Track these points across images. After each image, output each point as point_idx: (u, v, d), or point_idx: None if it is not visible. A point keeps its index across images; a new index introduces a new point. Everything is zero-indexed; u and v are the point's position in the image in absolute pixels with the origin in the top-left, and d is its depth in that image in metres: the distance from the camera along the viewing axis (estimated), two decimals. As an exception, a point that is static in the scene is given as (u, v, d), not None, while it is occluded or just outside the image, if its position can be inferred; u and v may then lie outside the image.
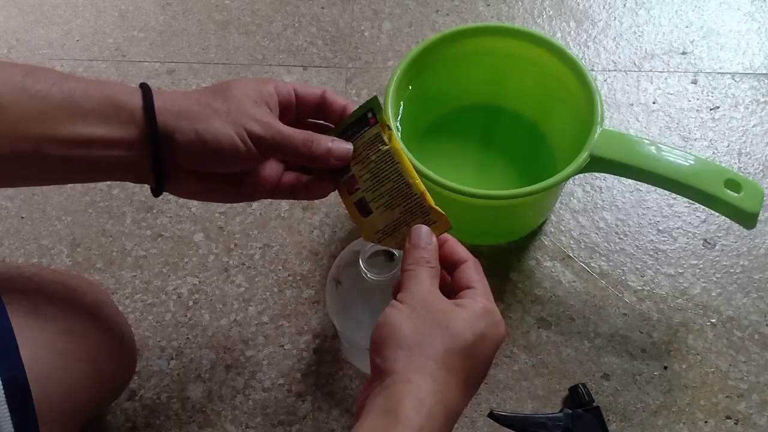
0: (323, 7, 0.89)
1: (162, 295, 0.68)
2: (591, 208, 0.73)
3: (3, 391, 0.43)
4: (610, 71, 0.83)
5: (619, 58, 0.84)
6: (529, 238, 0.71)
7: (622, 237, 0.71)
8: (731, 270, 0.69)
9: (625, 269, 0.69)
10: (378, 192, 0.47)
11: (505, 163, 0.73)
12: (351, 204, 0.48)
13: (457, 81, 0.71)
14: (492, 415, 0.59)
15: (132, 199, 0.74)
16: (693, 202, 0.62)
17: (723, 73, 0.82)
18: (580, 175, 0.70)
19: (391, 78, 0.62)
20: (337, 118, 0.49)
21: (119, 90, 0.43)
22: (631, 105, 0.80)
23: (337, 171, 0.48)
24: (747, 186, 0.57)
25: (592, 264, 0.70)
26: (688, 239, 0.71)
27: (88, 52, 0.86)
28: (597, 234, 0.71)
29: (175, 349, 0.65)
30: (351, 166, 0.48)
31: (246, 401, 0.63)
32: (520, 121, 0.74)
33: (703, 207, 0.63)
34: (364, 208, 0.47)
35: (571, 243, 0.71)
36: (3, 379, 0.43)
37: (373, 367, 0.40)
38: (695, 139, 0.77)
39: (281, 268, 0.70)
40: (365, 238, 0.48)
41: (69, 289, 0.52)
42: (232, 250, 0.71)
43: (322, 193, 0.49)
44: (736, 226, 0.65)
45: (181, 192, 0.47)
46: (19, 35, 0.87)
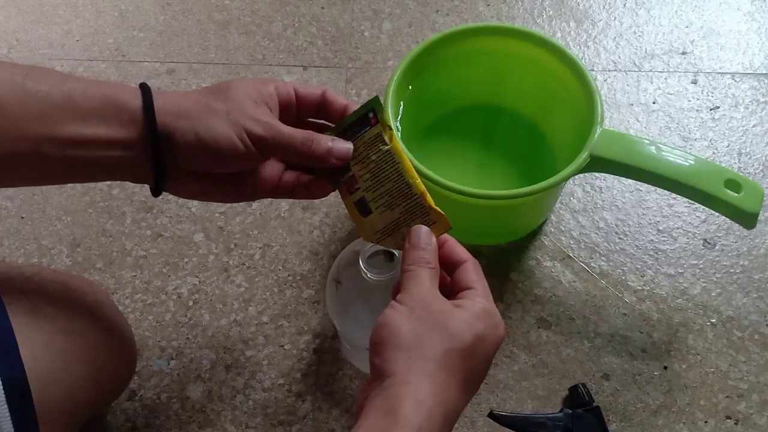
0: (323, 7, 0.89)
1: (162, 295, 0.68)
2: (591, 208, 0.73)
3: (3, 391, 0.43)
4: (610, 71, 0.83)
5: (619, 58, 0.84)
6: (529, 238, 0.71)
7: (622, 237, 0.71)
8: (731, 270, 0.69)
9: (625, 269, 0.69)
10: (378, 192, 0.47)
11: (505, 163, 0.73)
12: (351, 204, 0.48)
13: (457, 81, 0.71)
14: (492, 415, 0.59)
15: (132, 199, 0.74)
16: (693, 202, 0.62)
17: (723, 73, 0.82)
18: (580, 175, 0.70)
19: (391, 78, 0.62)
20: (338, 117, 0.49)
21: (119, 90, 0.43)
22: (631, 105, 0.80)
23: (338, 170, 0.48)
24: (747, 186, 0.57)
25: (592, 264, 0.70)
26: (688, 239, 0.71)
27: (88, 52, 0.86)
28: (597, 234, 0.71)
29: (175, 349, 0.65)
30: (351, 165, 0.48)
31: (246, 401, 0.63)
32: (520, 121, 0.74)
33: (703, 207, 0.63)
34: (363, 208, 0.47)
35: (571, 243, 0.71)
36: (3, 379, 0.43)
37: (373, 368, 0.40)
38: (695, 139, 0.77)
39: (281, 268, 0.70)
40: (365, 238, 0.48)
41: (69, 289, 0.52)
42: (232, 250, 0.71)
43: (322, 193, 0.49)
44: (736, 226, 0.65)
45: (181, 192, 0.47)
46: (19, 35, 0.87)
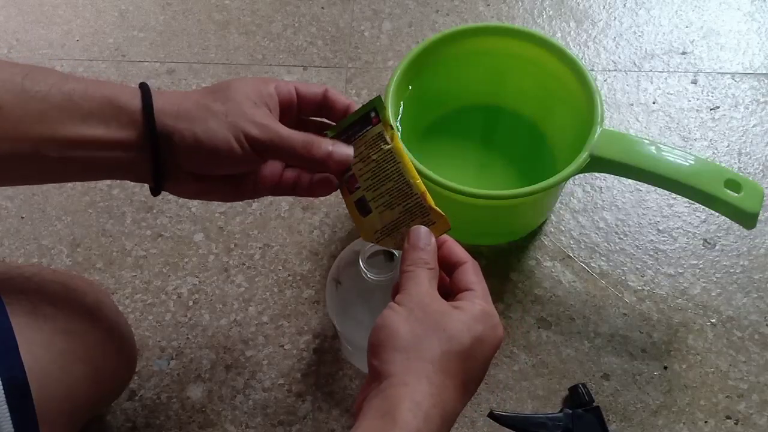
0: (323, 7, 0.89)
1: (162, 295, 0.68)
2: (591, 208, 0.73)
3: (3, 391, 0.43)
4: (610, 71, 0.83)
5: (619, 58, 0.84)
6: (529, 238, 0.71)
7: (622, 237, 0.71)
8: (731, 270, 0.69)
9: (625, 269, 0.69)
10: (378, 191, 0.47)
11: (505, 163, 0.73)
12: (351, 203, 0.48)
13: (457, 81, 0.71)
14: (492, 415, 0.59)
15: (132, 199, 0.74)
16: (693, 202, 0.62)
17: (723, 73, 0.82)
18: (580, 175, 0.70)
19: (391, 78, 0.62)
20: (340, 117, 0.49)
21: (119, 91, 0.42)
22: (631, 105, 0.80)
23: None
24: (747, 186, 0.57)
25: (592, 264, 0.70)
26: (688, 239, 0.71)
27: (88, 52, 0.86)
28: (597, 234, 0.71)
29: (175, 349, 0.65)
30: (352, 164, 0.48)
31: (246, 401, 0.63)
32: (520, 121, 0.74)
33: (703, 207, 0.63)
34: (363, 207, 0.47)
35: (571, 243, 0.71)
36: (3, 379, 0.43)
37: (371, 369, 0.40)
38: (695, 139, 0.77)
39: (281, 268, 0.70)
40: (364, 237, 0.48)
41: (69, 289, 0.52)
42: (232, 250, 0.71)
43: (324, 192, 0.49)
44: (736, 226, 0.65)
45: (181, 192, 0.47)
46: (19, 35, 0.87)
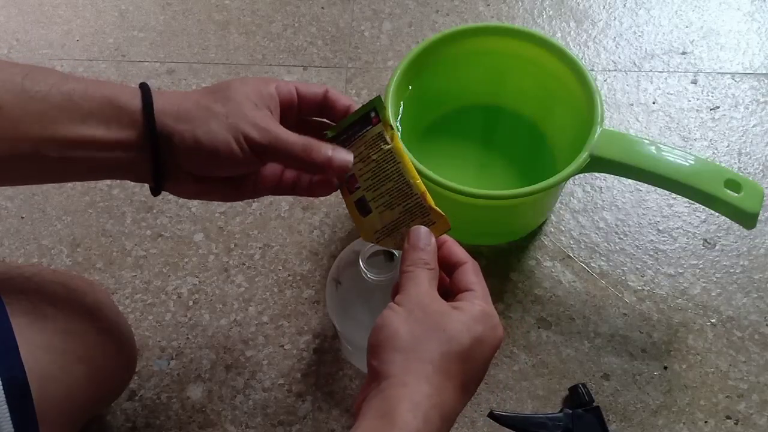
0: (323, 7, 0.89)
1: (162, 295, 0.68)
2: (591, 208, 0.73)
3: (3, 391, 0.43)
4: (610, 71, 0.83)
5: (619, 58, 0.84)
6: (529, 238, 0.71)
7: (622, 237, 0.71)
8: (731, 270, 0.69)
9: (625, 269, 0.69)
10: (378, 191, 0.47)
11: (505, 163, 0.73)
12: (351, 203, 0.48)
13: (457, 81, 0.71)
14: (492, 415, 0.59)
15: (132, 199, 0.74)
16: (693, 202, 0.62)
17: (723, 73, 0.82)
18: (580, 175, 0.70)
19: (391, 78, 0.62)
20: (340, 117, 0.49)
21: (119, 91, 0.42)
22: (631, 105, 0.80)
23: None
24: (747, 186, 0.57)
25: (592, 264, 0.70)
26: (688, 239, 0.71)
27: (88, 52, 0.86)
28: (597, 234, 0.71)
29: (175, 349, 0.65)
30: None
31: (246, 401, 0.63)
32: (520, 121, 0.74)
33: (703, 207, 0.63)
34: (363, 207, 0.47)
35: (571, 243, 0.71)
36: (3, 379, 0.43)
37: (370, 370, 0.40)
38: (695, 139, 0.77)
39: (281, 268, 0.70)
40: (364, 238, 0.48)
41: (69, 289, 0.52)
42: (232, 250, 0.71)
43: (324, 192, 0.49)
44: (736, 226, 0.65)
45: (181, 192, 0.47)
46: (19, 35, 0.87)
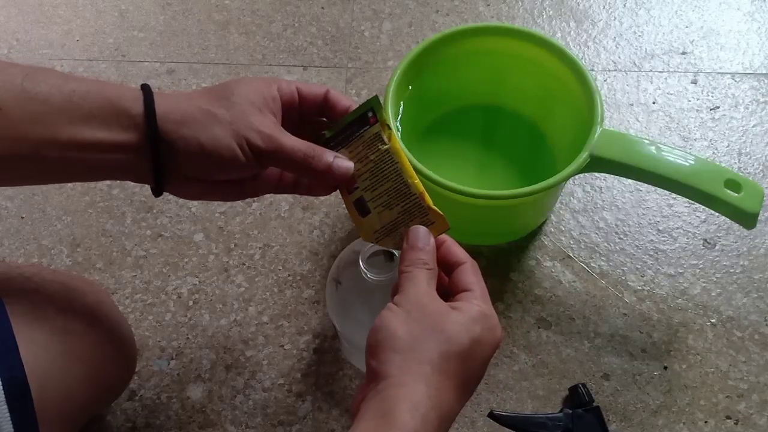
0: (323, 7, 0.89)
1: (162, 295, 0.68)
2: (591, 208, 0.73)
3: (3, 391, 0.43)
4: (610, 71, 0.83)
5: (619, 58, 0.84)
6: (529, 238, 0.71)
7: (622, 237, 0.71)
8: (731, 270, 0.69)
9: (625, 269, 0.69)
10: (377, 192, 0.47)
11: (505, 163, 0.72)
12: (350, 203, 0.48)
13: (457, 81, 0.71)
14: (492, 415, 0.59)
15: (132, 199, 0.74)
16: (693, 202, 0.62)
17: (723, 73, 0.82)
18: (580, 175, 0.70)
19: (391, 78, 0.62)
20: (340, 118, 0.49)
21: (121, 93, 0.42)
22: (631, 105, 0.80)
23: None
24: (747, 186, 0.57)
25: (592, 264, 0.70)
26: (688, 239, 0.71)
27: (88, 52, 0.86)
28: (597, 234, 0.71)
29: (175, 349, 0.65)
30: None
31: (246, 401, 0.63)
32: (520, 121, 0.74)
33: (703, 207, 0.63)
34: (362, 207, 0.47)
35: (571, 243, 0.71)
36: (3, 380, 0.43)
37: (369, 370, 0.40)
38: (695, 139, 0.77)
39: (281, 268, 0.70)
40: (364, 237, 0.48)
41: (69, 289, 0.52)
42: (232, 250, 0.71)
43: (323, 191, 0.49)
44: (736, 226, 0.64)
45: (182, 193, 0.47)
46: (19, 35, 0.87)
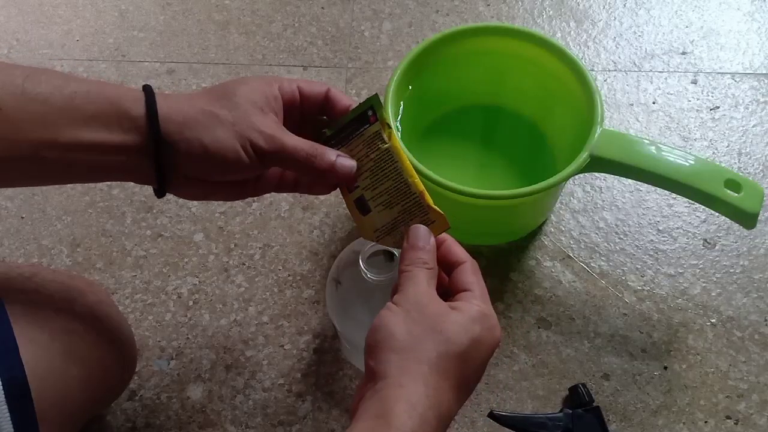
0: (323, 7, 0.89)
1: (162, 295, 0.68)
2: (591, 208, 0.73)
3: (3, 391, 0.43)
4: (610, 71, 0.83)
5: (619, 58, 0.84)
6: (529, 238, 0.71)
7: (622, 237, 0.71)
8: (731, 270, 0.69)
9: (625, 269, 0.69)
10: (377, 190, 0.47)
11: (505, 163, 0.73)
12: (350, 202, 0.48)
13: (457, 81, 0.71)
14: (492, 415, 0.59)
15: (132, 199, 0.74)
16: (693, 202, 0.62)
17: (723, 73, 0.82)
18: (580, 175, 0.70)
19: (391, 78, 0.62)
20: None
21: (123, 94, 0.42)
22: (631, 105, 0.80)
23: None
24: (747, 186, 0.57)
25: (592, 264, 0.70)
26: (688, 239, 0.71)
27: (88, 52, 0.86)
28: (597, 234, 0.71)
29: (175, 349, 0.65)
30: None
31: (246, 401, 0.63)
32: (520, 121, 0.74)
33: (703, 207, 0.63)
34: (363, 206, 0.47)
35: (571, 243, 0.71)
36: (3, 380, 0.43)
37: (367, 370, 0.40)
38: (695, 139, 0.77)
39: (281, 268, 0.70)
40: (364, 236, 0.48)
41: (69, 289, 0.52)
42: (232, 250, 0.71)
43: (324, 190, 0.49)
44: (736, 226, 0.65)
45: (184, 194, 0.47)
46: (19, 35, 0.87)
